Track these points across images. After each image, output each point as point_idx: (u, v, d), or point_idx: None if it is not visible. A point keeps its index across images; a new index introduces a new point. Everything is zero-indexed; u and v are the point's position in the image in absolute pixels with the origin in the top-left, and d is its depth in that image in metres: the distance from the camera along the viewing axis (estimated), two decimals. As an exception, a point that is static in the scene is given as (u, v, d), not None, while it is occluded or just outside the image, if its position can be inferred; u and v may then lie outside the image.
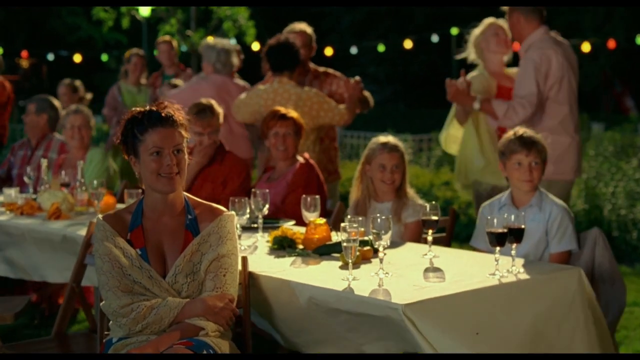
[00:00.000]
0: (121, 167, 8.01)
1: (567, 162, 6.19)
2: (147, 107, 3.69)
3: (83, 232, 4.91)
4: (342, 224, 3.85)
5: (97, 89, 14.54)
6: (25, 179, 6.46)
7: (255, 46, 22.92)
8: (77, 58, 24.72)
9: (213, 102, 6.13)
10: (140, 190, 5.22)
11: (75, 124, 6.84)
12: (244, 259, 3.94)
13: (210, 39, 8.41)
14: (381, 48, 30.03)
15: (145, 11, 15.46)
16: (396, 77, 36.23)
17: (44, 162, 6.09)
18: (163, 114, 3.64)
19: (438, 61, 33.66)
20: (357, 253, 3.81)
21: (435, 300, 3.48)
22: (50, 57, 28.67)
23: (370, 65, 35.15)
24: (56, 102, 7.61)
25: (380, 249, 3.81)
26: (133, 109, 3.71)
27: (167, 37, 10.65)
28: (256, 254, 4.40)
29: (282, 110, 5.96)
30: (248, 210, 4.56)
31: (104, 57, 28.30)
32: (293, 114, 5.95)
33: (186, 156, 3.71)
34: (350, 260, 3.75)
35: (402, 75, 36.02)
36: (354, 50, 29.10)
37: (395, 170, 5.32)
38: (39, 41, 31.76)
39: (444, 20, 30.10)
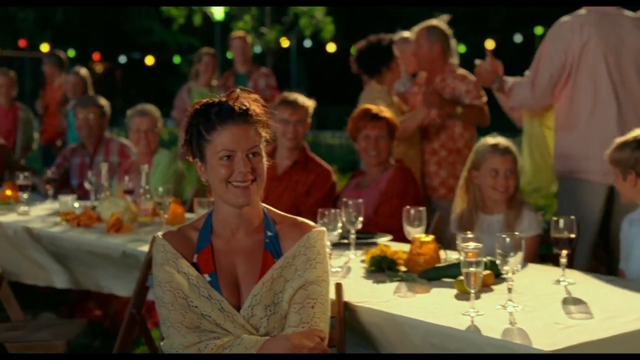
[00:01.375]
0: (193, 172, 7.33)
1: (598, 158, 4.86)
2: (216, 99, 2.96)
3: (145, 247, 4.22)
4: (462, 244, 3.09)
5: (169, 93, 13.99)
6: (87, 184, 5.84)
7: (331, 47, 22.24)
8: (150, 60, 24.38)
9: (302, 96, 5.54)
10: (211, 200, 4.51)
11: (141, 127, 6.16)
12: (338, 286, 3.20)
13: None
14: (461, 49, 29.06)
15: (218, 14, 14.90)
16: (476, 79, 35.22)
17: (104, 167, 5.43)
18: (235, 108, 2.90)
19: (522, 62, 32.56)
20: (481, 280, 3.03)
21: (588, 346, 2.69)
22: (122, 59, 28.44)
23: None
24: (103, 101, 6.98)
25: (509, 274, 3.04)
26: (199, 100, 3.00)
27: (240, 33, 9.99)
28: (350, 278, 3.64)
29: (374, 109, 5.21)
30: (340, 225, 3.81)
31: (176, 60, 27.91)
32: (386, 113, 5.19)
33: (264, 160, 2.97)
34: (472, 290, 2.98)
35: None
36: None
37: (509, 176, 4.54)
38: (111, 44, 31.64)
39: (528, 20, 29.10)
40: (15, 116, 9.19)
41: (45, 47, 24.23)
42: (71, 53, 25.19)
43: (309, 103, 5.53)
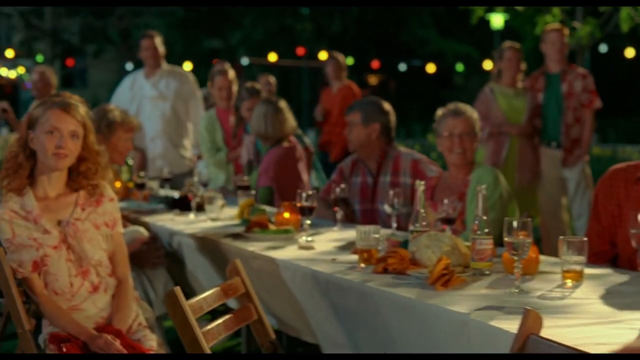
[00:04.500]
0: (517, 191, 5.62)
1: None
2: None
3: (502, 322, 2.59)
4: None
5: (444, 104, 12.63)
6: (387, 208, 4.35)
7: (630, 52, 20.17)
8: (431, 68, 23.28)
9: None
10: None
11: (455, 130, 4.63)
12: None
13: None
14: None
15: (497, 22, 13.30)
16: None
17: (421, 185, 3.85)
18: None
19: None
20: None
21: None
22: (402, 67, 27.73)
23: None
24: (386, 106, 5.43)
25: None
26: None
27: (557, 25, 8.25)
28: None
29: None
30: None
31: (459, 67, 26.60)
32: None
33: None
34: None
35: None
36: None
37: None
38: (388, 53, 31.12)
39: None
40: None
41: (323, 56, 23.97)
42: (349, 61, 24.66)
43: None
